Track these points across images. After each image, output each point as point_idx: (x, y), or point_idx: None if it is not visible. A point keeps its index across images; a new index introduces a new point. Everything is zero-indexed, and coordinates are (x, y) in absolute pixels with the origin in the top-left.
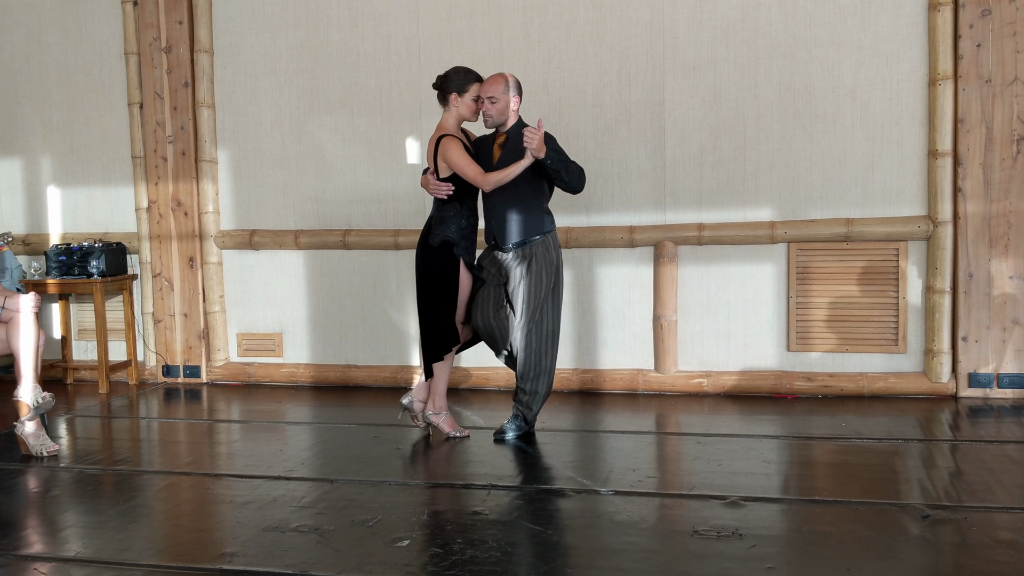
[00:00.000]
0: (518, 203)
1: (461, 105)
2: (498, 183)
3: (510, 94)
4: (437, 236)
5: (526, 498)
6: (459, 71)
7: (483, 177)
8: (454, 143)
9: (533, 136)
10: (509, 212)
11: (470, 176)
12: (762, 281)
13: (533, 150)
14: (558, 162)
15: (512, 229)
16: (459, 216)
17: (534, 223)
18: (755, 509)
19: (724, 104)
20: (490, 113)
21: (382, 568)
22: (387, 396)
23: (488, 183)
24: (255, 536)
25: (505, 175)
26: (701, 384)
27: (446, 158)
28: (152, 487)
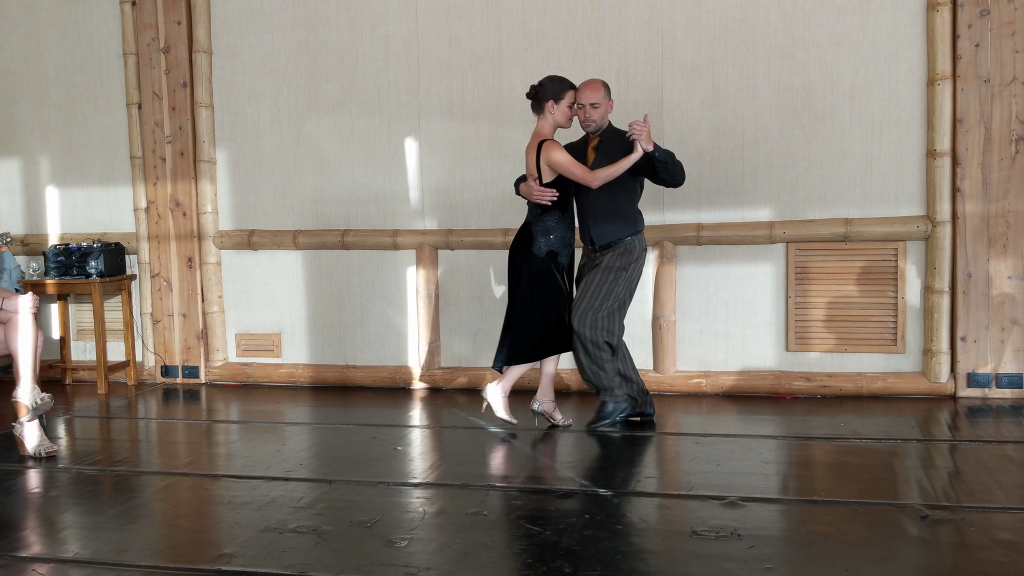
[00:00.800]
0: (613, 203)
1: (557, 112)
2: (607, 179)
3: (607, 99)
4: (542, 246)
5: (525, 498)
6: (554, 80)
7: (590, 174)
8: (556, 145)
9: (641, 129)
10: (603, 212)
11: (577, 175)
12: (761, 281)
13: (642, 142)
14: (665, 154)
15: (607, 229)
16: (561, 225)
17: (628, 222)
18: (754, 509)
19: (723, 104)
20: (592, 118)
21: (381, 569)
22: (386, 396)
23: (596, 179)
24: (253, 537)
25: (615, 170)
26: (700, 384)
27: (550, 160)
28: (151, 488)
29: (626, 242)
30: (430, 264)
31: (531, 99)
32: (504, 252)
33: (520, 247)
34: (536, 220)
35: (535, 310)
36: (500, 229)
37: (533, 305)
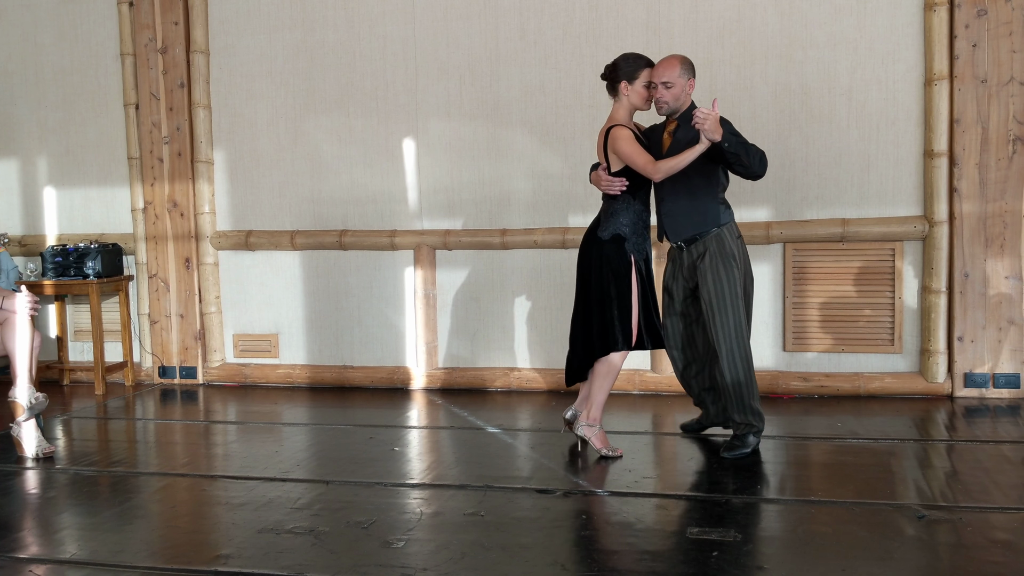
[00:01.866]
0: (690, 194)
1: (632, 94)
2: (670, 171)
3: (685, 77)
4: (607, 229)
5: (522, 499)
6: (628, 58)
7: (653, 165)
8: (624, 132)
9: (706, 117)
10: (680, 204)
11: (640, 165)
12: (758, 281)
13: (707, 132)
14: (736, 145)
15: (683, 223)
16: (630, 209)
17: (707, 215)
18: (751, 509)
19: (720, 104)
20: (665, 99)
21: (378, 570)
22: (383, 397)
23: (659, 171)
24: (250, 538)
25: (678, 162)
26: None
27: (616, 149)
28: (148, 489)
29: (713, 234)
30: (428, 264)
31: (606, 80)
32: (502, 252)
33: (588, 239)
34: (606, 208)
35: (606, 304)
36: (498, 229)
37: (603, 298)
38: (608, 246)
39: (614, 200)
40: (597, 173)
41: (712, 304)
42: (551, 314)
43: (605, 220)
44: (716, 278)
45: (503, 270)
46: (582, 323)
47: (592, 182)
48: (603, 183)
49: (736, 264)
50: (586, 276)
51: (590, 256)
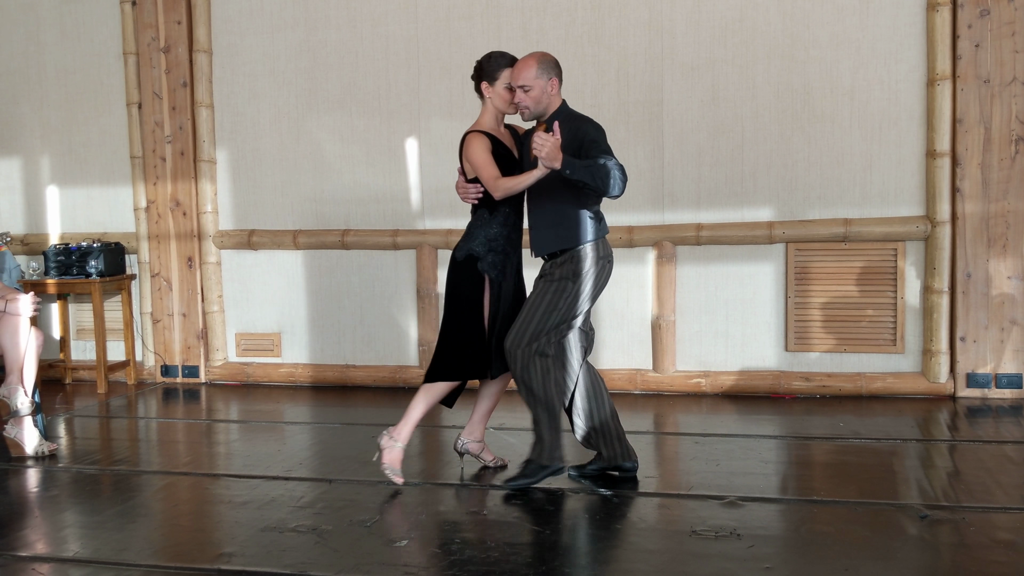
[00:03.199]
0: (557, 206)
1: (495, 96)
2: (509, 191)
3: (544, 78)
4: (461, 248)
5: (525, 498)
6: (491, 56)
7: (495, 182)
8: (478, 139)
9: (543, 143)
10: (545, 216)
11: (484, 179)
12: (760, 281)
13: (544, 160)
14: (580, 170)
15: (548, 236)
16: (488, 224)
17: (574, 229)
18: (753, 509)
19: (722, 104)
20: (525, 104)
21: (380, 568)
22: (385, 396)
23: (499, 189)
24: (253, 536)
25: (516, 183)
26: (699, 384)
27: (467, 157)
28: (150, 487)
29: (575, 251)
30: (430, 264)
31: (473, 80)
32: None
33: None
34: (470, 222)
35: (451, 330)
36: None
37: (449, 323)
38: (460, 268)
39: (475, 212)
40: (457, 182)
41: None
42: None
43: (463, 237)
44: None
45: None
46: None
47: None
48: (459, 190)
49: (587, 280)
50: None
51: (448, 277)
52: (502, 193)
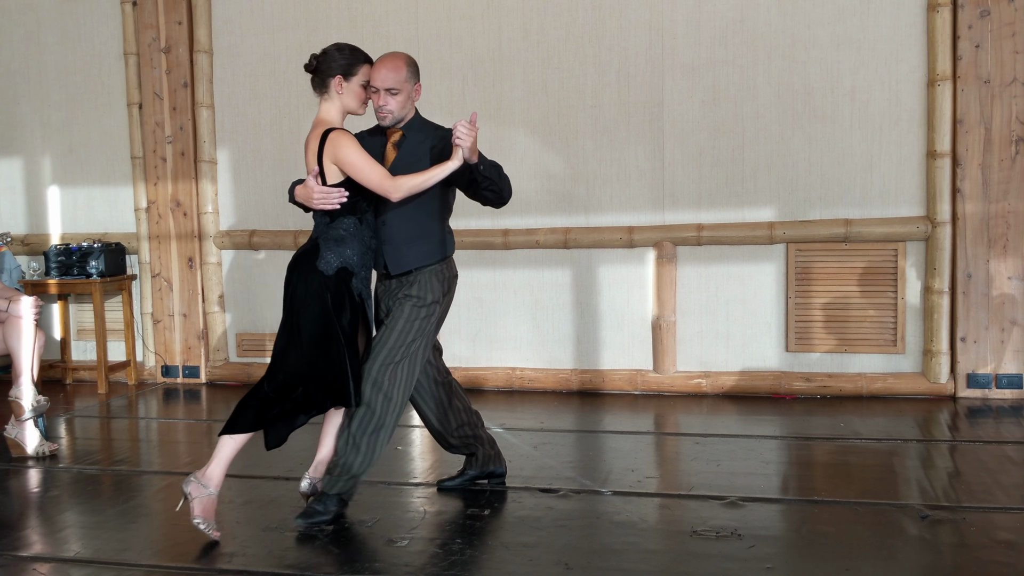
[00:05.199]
0: (422, 219)
1: (348, 93)
2: (413, 191)
3: (412, 83)
4: (332, 260)
5: (525, 498)
6: (344, 49)
7: (391, 182)
8: (348, 137)
9: (468, 134)
10: (408, 230)
11: (374, 181)
12: (761, 281)
13: (467, 151)
14: (490, 168)
15: (409, 253)
16: (359, 235)
17: (436, 245)
18: (754, 509)
19: (723, 105)
20: (389, 108)
21: (382, 568)
22: None
23: (399, 190)
24: (254, 536)
25: (425, 180)
26: (700, 384)
27: (339, 158)
28: (151, 487)
29: (432, 270)
30: None
31: (312, 73)
32: (504, 252)
33: (301, 270)
34: (324, 231)
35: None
36: (500, 229)
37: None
38: (332, 283)
39: (338, 223)
40: (307, 185)
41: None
42: (553, 314)
43: (327, 247)
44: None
45: (505, 270)
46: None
47: (298, 199)
48: (316, 196)
49: (446, 303)
50: (292, 315)
51: (302, 292)
52: (404, 193)
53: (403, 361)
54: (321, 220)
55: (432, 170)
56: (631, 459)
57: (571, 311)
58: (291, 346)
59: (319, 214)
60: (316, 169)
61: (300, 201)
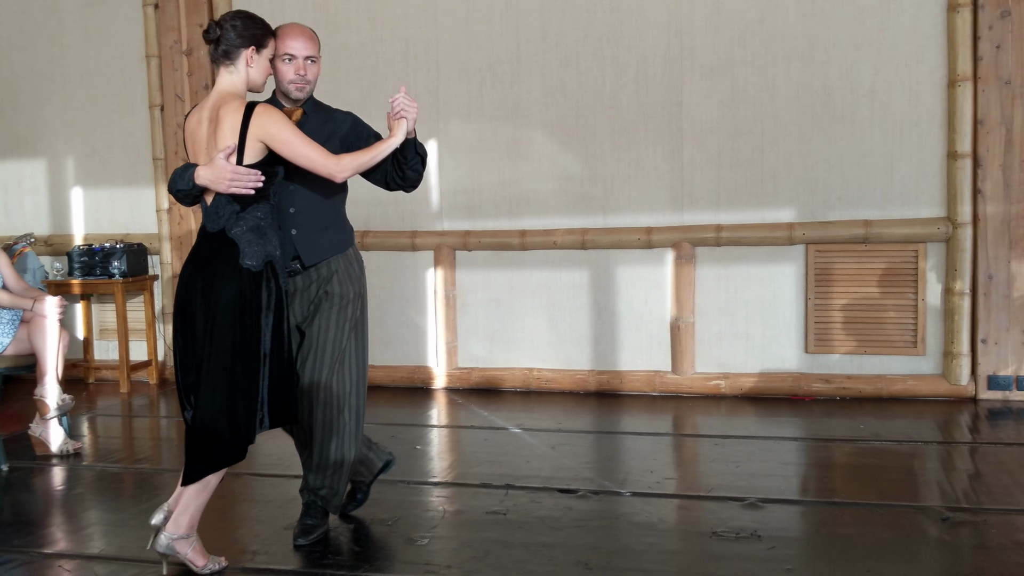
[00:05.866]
0: (330, 204)
1: (257, 67)
2: (357, 170)
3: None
4: (256, 254)
5: (544, 498)
6: (255, 17)
7: (335, 162)
8: (280, 113)
9: (411, 106)
10: (319, 217)
11: (315, 160)
12: (780, 283)
13: (411, 124)
14: (420, 145)
15: (321, 242)
16: (274, 226)
17: (344, 232)
18: (774, 511)
19: (742, 105)
20: (308, 79)
21: (402, 566)
22: (404, 396)
23: (344, 170)
24: (276, 534)
25: (371, 158)
26: (719, 386)
27: (271, 134)
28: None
29: (346, 259)
30: (448, 265)
31: (214, 44)
32: (521, 253)
33: (214, 267)
34: (233, 222)
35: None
36: (517, 230)
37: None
38: (262, 281)
39: (247, 211)
40: (216, 166)
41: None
42: (570, 314)
43: (245, 240)
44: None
45: (522, 271)
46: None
47: (202, 182)
48: (229, 178)
49: (361, 294)
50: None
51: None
52: (350, 173)
53: (347, 362)
54: (226, 209)
55: (376, 147)
56: (650, 460)
57: (589, 312)
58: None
59: (223, 203)
60: (232, 146)
61: (204, 184)
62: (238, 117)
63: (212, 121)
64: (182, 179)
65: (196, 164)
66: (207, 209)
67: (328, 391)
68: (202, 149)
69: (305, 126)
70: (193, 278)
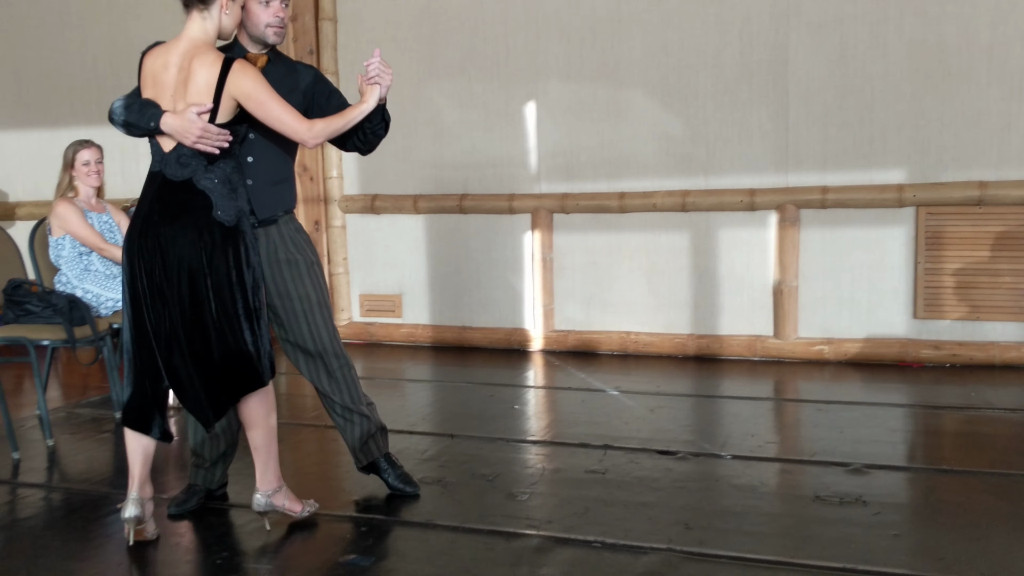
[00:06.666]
0: (280, 160)
1: (231, 13)
2: (329, 136)
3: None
4: (229, 208)
5: (643, 459)
6: None
7: (307, 127)
8: (256, 72)
9: (387, 71)
10: (269, 171)
11: (288, 123)
12: (889, 246)
13: (384, 90)
14: (387, 112)
15: (269, 196)
16: (242, 181)
17: (290, 190)
18: (879, 477)
19: (851, 63)
20: (284, 24)
21: (504, 520)
22: (501, 358)
23: (316, 136)
24: (381, 486)
25: (344, 124)
26: (822, 351)
27: (246, 92)
28: (280, 440)
29: (293, 220)
30: (545, 228)
31: None
32: (620, 216)
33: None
34: (200, 175)
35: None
36: (616, 192)
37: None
38: (232, 238)
39: (214, 166)
40: (186, 119)
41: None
42: (669, 278)
43: (217, 194)
44: (309, 272)
45: (621, 233)
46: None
47: (167, 129)
48: (196, 134)
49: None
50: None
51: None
52: (322, 139)
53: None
54: (192, 160)
55: (348, 112)
56: (750, 424)
57: (688, 275)
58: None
59: (187, 153)
60: (208, 106)
61: (169, 132)
62: (214, 73)
63: (183, 70)
64: (140, 115)
65: (157, 105)
66: (167, 155)
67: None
68: (166, 94)
69: (269, 75)
70: (161, 228)
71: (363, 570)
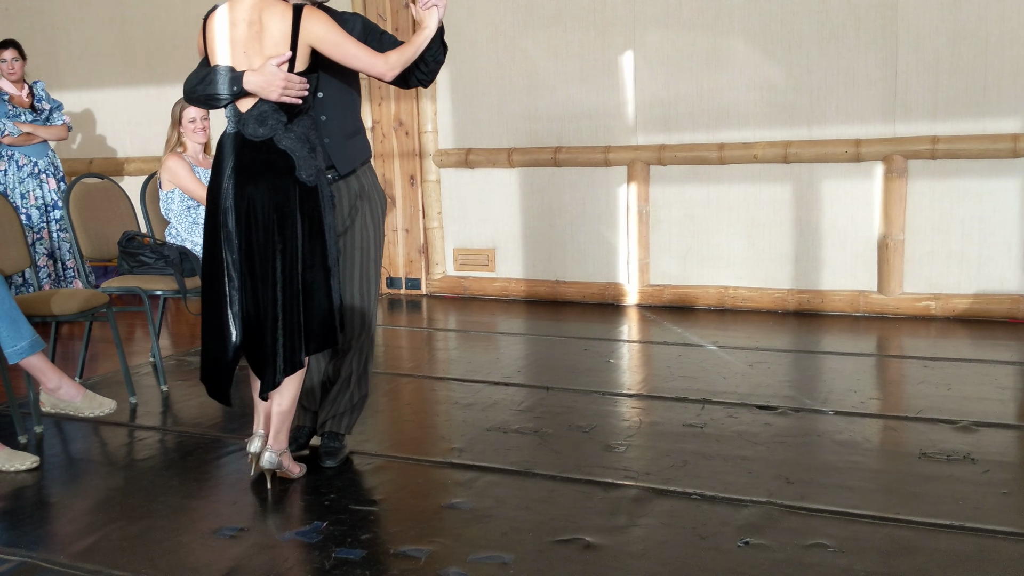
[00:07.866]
0: (353, 110)
1: None
2: (405, 65)
3: None
4: (310, 168)
5: (742, 413)
6: None
7: (383, 60)
8: (326, 15)
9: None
10: (347, 123)
11: (364, 61)
12: (1001, 199)
13: (442, 11)
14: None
15: (350, 149)
16: (318, 138)
17: (366, 140)
18: (988, 434)
19: (964, 6)
20: None
21: (601, 471)
22: (595, 312)
23: (392, 67)
24: (480, 435)
25: (413, 52)
26: (928, 307)
27: (321, 36)
28: (381, 388)
29: (371, 167)
30: (642, 180)
31: None
32: (719, 167)
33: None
34: (281, 133)
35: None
36: (715, 144)
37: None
38: (316, 195)
39: (294, 122)
40: (268, 72)
41: (368, 262)
42: (770, 231)
43: (297, 153)
44: (377, 228)
45: (719, 185)
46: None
47: (251, 88)
48: (280, 85)
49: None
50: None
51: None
52: (399, 69)
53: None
54: (273, 118)
55: (415, 40)
56: (853, 380)
57: (790, 229)
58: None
59: (269, 111)
60: (287, 55)
61: (252, 91)
62: (287, 22)
63: (253, 24)
64: (219, 83)
65: (231, 68)
66: (243, 115)
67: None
68: (238, 51)
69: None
70: (248, 190)
71: (464, 513)
